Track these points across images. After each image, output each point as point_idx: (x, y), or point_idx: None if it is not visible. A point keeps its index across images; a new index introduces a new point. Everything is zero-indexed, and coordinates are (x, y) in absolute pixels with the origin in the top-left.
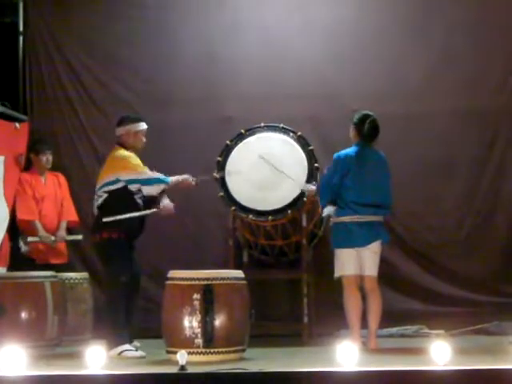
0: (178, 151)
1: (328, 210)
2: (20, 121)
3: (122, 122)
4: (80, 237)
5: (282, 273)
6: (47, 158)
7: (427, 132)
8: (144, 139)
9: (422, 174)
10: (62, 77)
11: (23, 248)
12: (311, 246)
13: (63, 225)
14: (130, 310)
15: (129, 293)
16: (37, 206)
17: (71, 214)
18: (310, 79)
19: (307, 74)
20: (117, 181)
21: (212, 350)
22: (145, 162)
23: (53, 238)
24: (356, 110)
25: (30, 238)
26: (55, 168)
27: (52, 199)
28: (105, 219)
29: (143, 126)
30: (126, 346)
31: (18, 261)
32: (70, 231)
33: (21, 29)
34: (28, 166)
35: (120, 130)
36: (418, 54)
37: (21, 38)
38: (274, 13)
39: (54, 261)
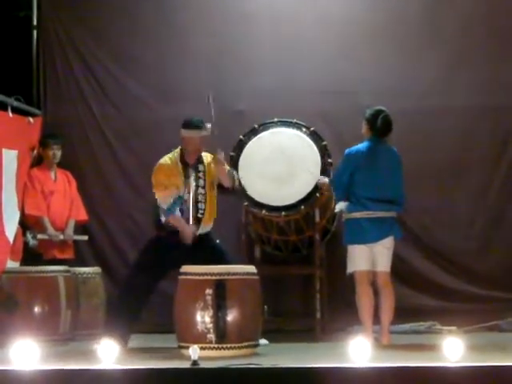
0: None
1: (340, 205)
2: (33, 115)
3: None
4: (86, 237)
5: (295, 268)
6: (54, 152)
7: (440, 129)
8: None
9: (435, 170)
10: (76, 71)
11: (31, 242)
12: (324, 242)
13: (71, 223)
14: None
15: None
16: (45, 200)
17: (81, 214)
18: (322, 74)
19: (320, 68)
20: None
21: (224, 346)
22: (157, 158)
23: (61, 236)
24: (369, 105)
25: (39, 235)
26: (68, 163)
27: (61, 195)
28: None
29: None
30: None
31: (26, 255)
32: (81, 227)
33: (35, 23)
34: (40, 161)
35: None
36: (431, 50)
37: (35, 32)
38: (286, 7)
39: (60, 256)
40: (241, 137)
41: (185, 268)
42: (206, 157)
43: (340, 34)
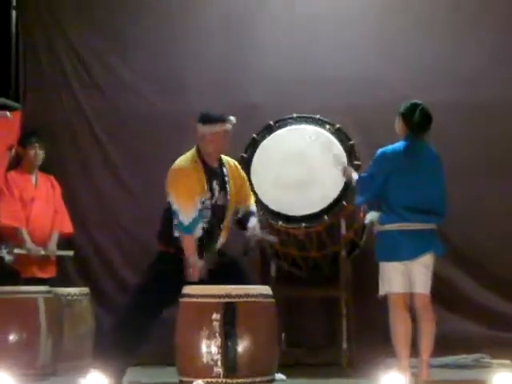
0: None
1: (371, 215)
2: (11, 109)
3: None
4: (71, 253)
5: (317, 290)
6: (36, 152)
7: (484, 125)
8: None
9: (479, 171)
10: (62, 58)
11: (7, 258)
12: (351, 258)
13: (54, 236)
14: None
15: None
16: (25, 209)
17: (66, 225)
18: (349, 61)
19: (346, 55)
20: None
21: (234, 381)
22: (157, 160)
23: (42, 251)
24: (405, 96)
25: (16, 250)
26: (52, 165)
27: (43, 202)
28: None
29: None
30: None
31: (0, 273)
32: (66, 240)
33: (14, 3)
34: (19, 163)
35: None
36: (472, 39)
37: (13, 13)
38: None
39: (41, 274)
40: (254, 135)
41: (187, 288)
42: (228, 161)
43: (368, 15)
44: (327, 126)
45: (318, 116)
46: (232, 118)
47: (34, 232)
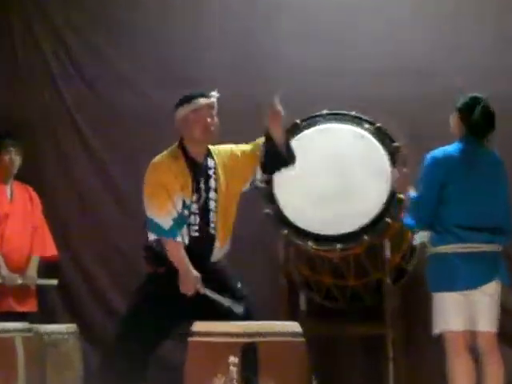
0: None
1: (421, 235)
2: None
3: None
4: (55, 282)
5: (357, 326)
6: (11, 157)
7: None
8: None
9: None
10: (41, 42)
11: None
12: (398, 287)
13: (35, 261)
14: None
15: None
16: None
17: (48, 247)
18: (390, 47)
19: (387, 40)
20: None
21: None
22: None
23: (19, 280)
24: (460, 89)
25: None
26: (30, 173)
27: (20, 218)
28: None
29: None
30: None
31: None
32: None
33: None
34: None
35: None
36: None
37: None
38: None
39: (19, 308)
40: None
41: (197, 325)
42: (216, 151)
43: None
44: (365, 125)
45: (354, 113)
46: (214, 93)
47: (8, 255)
